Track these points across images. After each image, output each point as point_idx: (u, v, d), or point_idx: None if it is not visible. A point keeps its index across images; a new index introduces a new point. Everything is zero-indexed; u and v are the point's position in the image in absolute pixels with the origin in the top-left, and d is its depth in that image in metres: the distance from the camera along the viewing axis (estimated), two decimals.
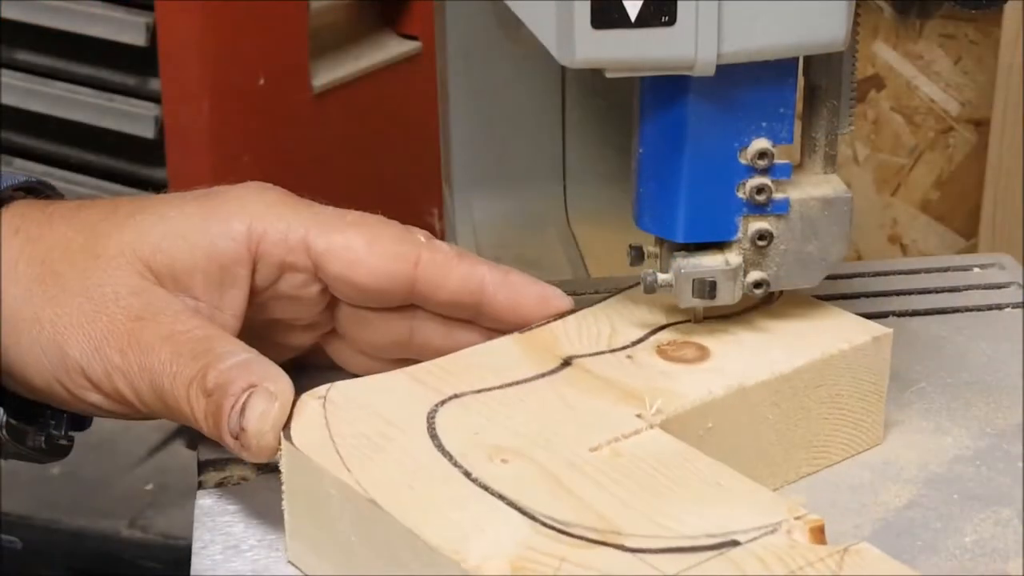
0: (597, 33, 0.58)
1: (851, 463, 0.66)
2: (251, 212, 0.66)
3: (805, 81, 0.64)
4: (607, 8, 0.57)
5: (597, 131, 0.97)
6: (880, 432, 0.68)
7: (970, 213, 1.65)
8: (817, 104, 0.65)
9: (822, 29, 0.59)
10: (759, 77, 0.61)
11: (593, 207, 0.98)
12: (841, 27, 0.59)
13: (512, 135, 0.97)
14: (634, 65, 0.59)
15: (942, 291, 0.81)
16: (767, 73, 0.61)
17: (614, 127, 0.96)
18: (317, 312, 0.69)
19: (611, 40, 0.58)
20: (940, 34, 1.61)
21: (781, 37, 0.59)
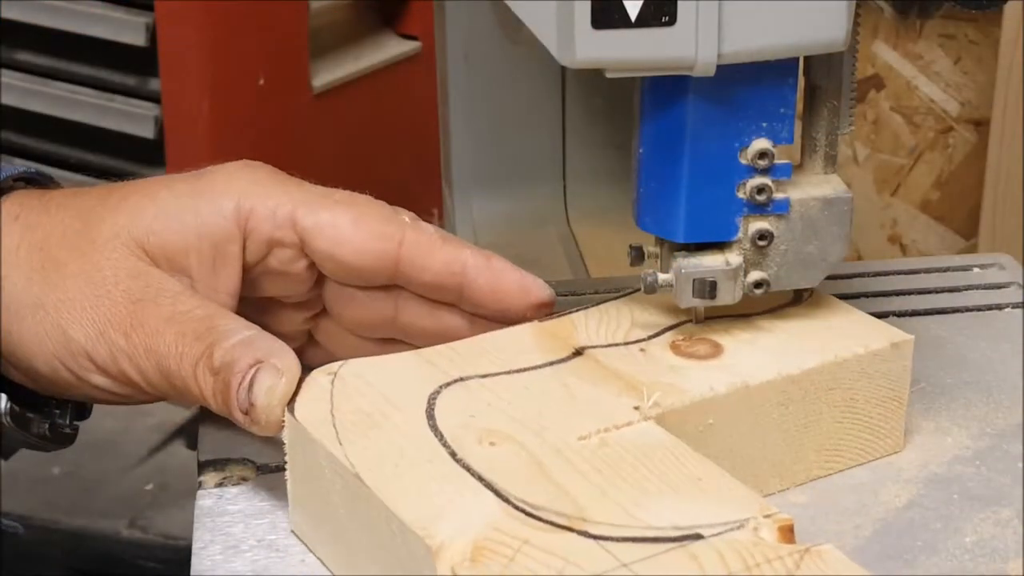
0: (597, 33, 0.58)
1: None
2: (240, 190, 0.67)
3: (805, 81, 0.64)
4: (607, 8, 0.57)
5: (597, 131, 0.97)
6: (900, 439, 0.66)
7: (970, 213, 1.65)
8: (817, 104, 0.65)
9: (822, 29, 0.59)
10: (759, 77, 0.61)
11: (593, 207, 0.98)
12: (841, 27, 0.59)
13: (512, 135, 0.97)
14: (634, 65, 0.59)
15: (942, 291, 0.81)
16: (767, 73, 0.61)
17: (614, 127, 0.96)
18: (306, 289, 0.69)
19: (611, 40, 0.58)
20: (940, 34, 1.61)
21: (781, 37, 0.59)
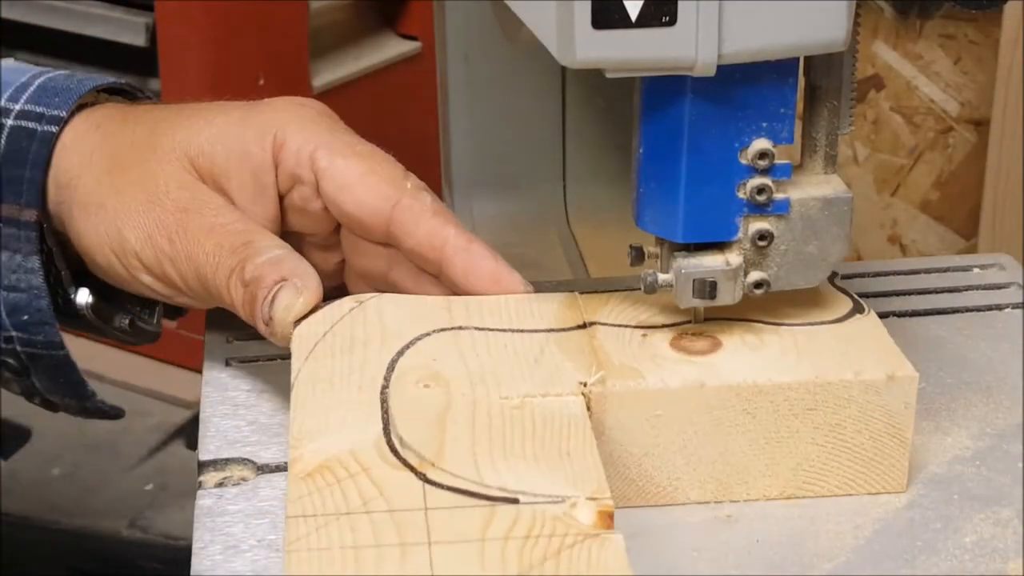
0: (597, 33, 0.58)
1: None
2: (280, 122, 0.71)
3: (805, 81, 0.64)
4: (607, 8, 0.57)
5: (597, 131, 0.97)
6: (902, 480, 0.64)
7: (970, 213, 1.65)
8: (817, 104, 0.65)
9: (822, 29, 0.59)
10: (759, 77, 0.61)
11: (593, 207, 0.98)
12: (841, 27, 0.59)
13: (512, 135, 0.97)
14: (634, 65, 0.59)
15: (942, 291, 0.81)
16: (767, 73, 0.61)
17: (614, 127, 0.96)
18: (327, 230, 0.73)
19: (611, 40, 0.58)
20: (940, 34, 1.61)
21: (781, 37, 0.59)
